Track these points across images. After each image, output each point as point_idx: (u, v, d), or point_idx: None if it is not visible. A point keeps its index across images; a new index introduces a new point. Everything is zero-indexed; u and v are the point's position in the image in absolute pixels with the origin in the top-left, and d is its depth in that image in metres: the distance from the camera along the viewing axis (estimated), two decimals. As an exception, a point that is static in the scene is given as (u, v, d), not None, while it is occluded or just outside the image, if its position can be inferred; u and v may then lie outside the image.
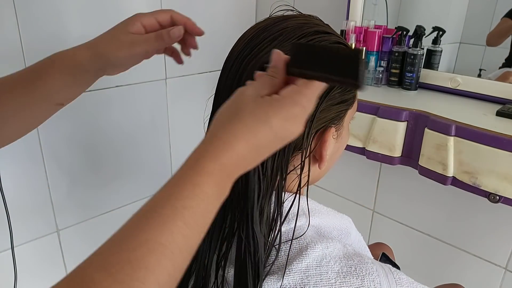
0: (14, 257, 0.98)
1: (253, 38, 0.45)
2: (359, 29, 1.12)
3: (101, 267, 0.27)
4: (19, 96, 0.52)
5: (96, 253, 0.29)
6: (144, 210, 0.31)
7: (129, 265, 0.27)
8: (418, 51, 1.04)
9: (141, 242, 0.29)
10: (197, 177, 0.33)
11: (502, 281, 1.04)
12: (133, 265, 0.27)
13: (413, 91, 1.08)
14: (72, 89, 0.55)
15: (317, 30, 0.45)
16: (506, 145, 0.77)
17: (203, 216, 0.32)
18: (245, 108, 0.35)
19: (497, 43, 1.07)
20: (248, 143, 0.34)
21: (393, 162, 0.97)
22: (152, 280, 0.28)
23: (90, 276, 0.27)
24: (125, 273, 0.27)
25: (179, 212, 0.31)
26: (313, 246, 0.43)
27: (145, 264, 0.28)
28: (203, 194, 0.32)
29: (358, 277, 0.42)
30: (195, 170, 0.33)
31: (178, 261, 0.30)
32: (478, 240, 1.06)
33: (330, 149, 0.48)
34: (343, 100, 0.47)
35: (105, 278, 0.27)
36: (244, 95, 0.36)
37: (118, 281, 0.27)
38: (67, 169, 1.12)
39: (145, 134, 1.27)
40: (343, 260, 0.43)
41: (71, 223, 1.16)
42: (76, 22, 1.03)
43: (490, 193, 0.81)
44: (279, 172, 0.43)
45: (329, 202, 1.39)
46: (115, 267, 0.27)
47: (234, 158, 0.34)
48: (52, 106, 0.55)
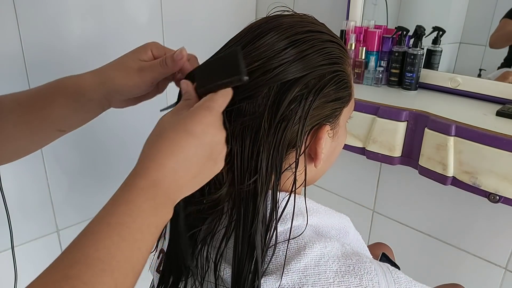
0: (14, 257, 0.98)
1: (246, 35, 0.46)
2: (359, 29, 1.12)
3: (43, 285, 0.29)
4: (22, 123, 0.51)
5: (43, 272, 0.30)
6: (84, 229, 0.33)
7: (68, 281, 0.28)
8: (418, 51, 1.04)
9: (79, 258, 0.30)
10: (130, 195, 0.34)
11: (502, 281, 1.04)
12: (72, 281, 0.29)
13: (413, 91, 1.08)
14: (75, 117, 0.53)
15: (310, 29, 0.45)
16: (506, 145, 0.77)
17: (140, 231, 0.33)
18: (166, 127, 0.38)
19: (503, 46, 1.06)
20: (175, 155, 0.36)
21: (393, 162, 0.97)
22: None
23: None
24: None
25: (113, 228, 0.32)
26: (311, 246, 0.43)
27: (83, 280, 0.29)
28: (138, 210, 0.34)
29: (357, 276, 0.42)
30: (128, 188, 0.35)
31: (118, 276, 0.31)
32: (478, 240, 1.06)
33: (326, 147, 0.48)
34: (337, 98, 0.47)
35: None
36: (164, 119, 0.40)
37: None
38: (67, 169, 1.12)
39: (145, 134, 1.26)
40: (341, 260, 0.43)
41: (71, 223, 1.16)
42: (76, 22, 1.03)
43: (490, 193, 0.81)
44: (273, 170, 0.43)
45: (329, 202, 1.39)
46: (55, 284, 0.28)
47: (166, 173, 0.36)
48: (55, 132, 0.54)
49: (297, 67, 0.43)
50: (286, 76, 0.42)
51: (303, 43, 0.44)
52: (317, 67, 0.44)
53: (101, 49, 1.09)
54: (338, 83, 0.47)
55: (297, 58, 0.43)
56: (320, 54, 0.45)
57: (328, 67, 0.45)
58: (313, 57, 0.44)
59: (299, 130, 0.43)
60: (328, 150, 0.50)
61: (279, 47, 0.43)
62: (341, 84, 0.47)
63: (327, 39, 0.47)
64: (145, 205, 0.34)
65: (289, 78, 0.43)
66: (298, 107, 0.43)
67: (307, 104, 0.43)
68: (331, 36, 0.47)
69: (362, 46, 1.11)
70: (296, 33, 0.44)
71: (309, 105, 0.44)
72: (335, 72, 0.46)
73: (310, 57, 0.44)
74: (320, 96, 0.44)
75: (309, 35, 0.45)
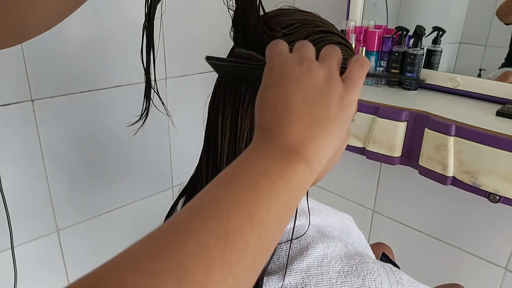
0: (14, 257, 0.98)
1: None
2: (359, 29, 1.12)
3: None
4: None
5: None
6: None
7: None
8: (418, 51, 1.04)
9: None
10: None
11: (502, 281, 1.04)
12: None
13: (413, 91, 1.08)
14: None
15: (322, 30, 0.45)
16: (506, 145, 0.77)
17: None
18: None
19: (506, 18, 1.03)
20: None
21: (393, 162, 0.97)
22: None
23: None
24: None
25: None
26: (314, 246, 0.43)
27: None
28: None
29: (359, 277, 0.42)
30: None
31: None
32: (478, 240, 1.06)
33: None
34: None
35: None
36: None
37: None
38: (67, 169, 1.12)
39: (145, 134, 1.27)
40: (344, 260, 0.43)
41: (71, 223, 1.16)
42: (76, 22, 1.03)
43: (490, 193, 0.81)
44: None
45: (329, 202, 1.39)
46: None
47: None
48: None
49: None
50: None
51: (314, 45, 0.44)
52: None
53: (101, 49, 1.09)
54: None
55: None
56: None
57: None
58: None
59: None
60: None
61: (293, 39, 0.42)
62: None
63: (337, 41, 0.46)
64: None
65: None
66: None
67: None
68: (341, 38, 0.47)
69: (362, 46, 1.11)
70: (311, 32, 0.44)
71: None
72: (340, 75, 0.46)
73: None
74: None
75: (322, 36, 0.45)
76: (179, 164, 1.38)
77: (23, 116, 0.99)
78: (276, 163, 0.30)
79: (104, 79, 1.12)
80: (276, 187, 0.28)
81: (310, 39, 0.43)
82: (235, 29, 0.45)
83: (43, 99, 1.02)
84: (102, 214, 1.22)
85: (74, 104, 1.08)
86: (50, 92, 1.02)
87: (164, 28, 1.20)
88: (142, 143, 1.27)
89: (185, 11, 1.24)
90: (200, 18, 1.29)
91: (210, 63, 0.41)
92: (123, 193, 1.26)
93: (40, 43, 0.98)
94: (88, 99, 1.10)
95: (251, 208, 0.26)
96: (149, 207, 1.34)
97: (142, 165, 1.29)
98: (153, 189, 1.35)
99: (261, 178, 0.28)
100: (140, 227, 1.32)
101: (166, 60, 1.23)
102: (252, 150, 0.31)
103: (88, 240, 1.20)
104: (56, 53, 1.01)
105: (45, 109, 1.02)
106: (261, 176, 0.28)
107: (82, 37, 1.05)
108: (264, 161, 0.30)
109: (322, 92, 0.32)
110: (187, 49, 1.28)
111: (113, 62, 1.13)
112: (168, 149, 1.35)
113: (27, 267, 1.08)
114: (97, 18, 1.06)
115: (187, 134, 1.37)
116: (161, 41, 1.21)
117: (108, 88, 1.14)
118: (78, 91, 1.08)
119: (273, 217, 0.27)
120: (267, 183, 0.28)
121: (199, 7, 1.27)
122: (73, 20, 1.02)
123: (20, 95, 0.98)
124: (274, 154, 0.30)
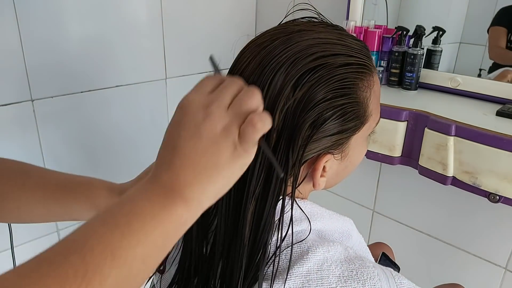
0: (14, 257, 0.98)
1: (262, 61, 0.42)
2: (359, 29, 1.12)
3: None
4: (43, 206, 0.54)
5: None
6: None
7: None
8: (418, 51, 1.04)
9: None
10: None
11: (502, 281, 1.04)
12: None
13: (413, 91, 1.08)
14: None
15: (322, 55, 0.41)
16: (506, 145, 0.77)
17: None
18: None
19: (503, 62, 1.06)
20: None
21: (393, 162, 0.97)
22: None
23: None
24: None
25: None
26: (314, 250, 0.43)
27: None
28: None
29: (359, 281, 0.41)
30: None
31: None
32: (478, 240, 1.06)
33: (332, 169, 0.46)
34: (341, 131, 0.43)
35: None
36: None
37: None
38: (67, 169, 1.11)
39: (145, 134, 1.27)
40: (344, 264, 0.43)
41: (71, 223, 1.15)
42: (76, 22, 1.03)
43: (490, 193, 0.81)
44: (273, 199, 0.41)
45: (329, 202, 1.39)
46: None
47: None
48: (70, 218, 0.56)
49: (298, 108, 0.40)
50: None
51: (307, 82, 0.40)
52: (316, 104, 0.40)
53: (101, 49, 1.09)
54: (343, 116, 0.42)
55: (297, 100, 0.40)
56: (324, 88, 0.41)
57: (331, 102, 0.41)
58: (314, 92, 0.40)
59: (290, 163, 0.41)
60: (337, 170, 0.48)
61: (285, 90, 0.40)
62: (348, 116, 0.43)
63: (340, 63, 0.42)
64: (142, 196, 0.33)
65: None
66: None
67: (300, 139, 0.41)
68: (347, 57, 0.42)
69: (362, 46, 1.11)
70: (300, 74, 0.40)
71: (302, 141, 0.41)
72: (339, 106, 0.42)
73: (311, 92, 0.40)
74: (317, 132, 0.41)
75: (318, 65, 0.41)
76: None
77: (23, 116, 0.99)
78: (153, 204, 0.31)
79: (104, 79, 1.12)
80: (147, 227, 0.30)
81: (298, 81, 0.40)
82: None
83: (43, 99, 1.01)
84: (102, 214, 1.22)
85: (74, 104, 1.08)
86: (50, 92, 1.02)
87: (164, 28, 1.20)
88: (142, 143, 1.27)
89: (185, 11, 1.24)
90: (201, 18, 1.29)
91: (212, 64, 0.40)
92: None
93: (40, 43, 0.98)
94: (88, 99, 1.10)
95: (115, 246, 0.28)
96: (149, 207, 1.34)
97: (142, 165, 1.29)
98: (153, 189, 1.35)
99: (134, 219, 0.30)
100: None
101: (166, 60, 1.23)
102: (139, 186, 0.33)
103: (88, 240, 1.20)
104: (56, 53, 1.01)
105: (45, 109, 1.02)
106: (134, 216, 0.30)
107: (82, 37, 1.05)
108: (142, 200, 0.31)
109: (216, 141, 0.33)
110: (187, 49, 1.27)
111: (113, 62, 1.13)
112: (168, 149, 1.35)
113: (27, 267, 1.08)
114: (97, 18, 1.06)
115: (187, 134, 1.36)
116: (161, 41, 1.21)
117: (108, 88, 1.14)
118: (78, 91, 1.08)
119: (138, 256, 0.29)
120: (138, 223, 0.30)
121: (200, 7, 1.27)
122: (73, 20, 1.02)
123: (20, 95, 0.98)
124: (154, 194, 0.32)
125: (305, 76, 0.40)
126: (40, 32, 0.97)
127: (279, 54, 0.41)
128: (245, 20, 1.43)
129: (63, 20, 1.01)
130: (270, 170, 0.41)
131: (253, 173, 0.41)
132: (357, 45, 0.45)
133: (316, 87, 0.40)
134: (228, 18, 1.37)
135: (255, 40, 0.45)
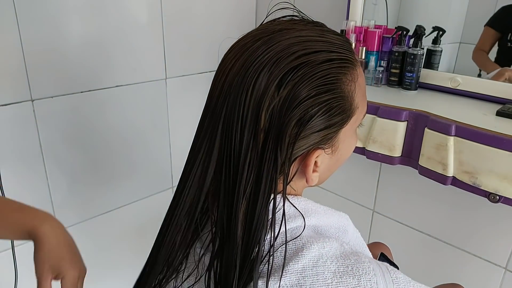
0: (14, 257, 0.98)
1: (246, 62, 0.42)
2: (359, 29, 1.12)
3: None
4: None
5: None
6: None
7: None
8: (418, 51, 1.04)
9: None
10: None
11: (502, 281, 1.04)
12: None
13: (413, 91, 1.08)
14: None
15: (303, 53, 0.42)
16: (506, 145, 0.77)
17: None
18: None
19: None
20: None
21: (393, 162, 0.97)
22: None
23: None
24: None
25: None
26: (309, 247, 0.43)
27: None
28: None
29: (355, 277, 0.41)
30: None
31: None
32: (478, 240, 1.06)
33: (324, 163, 0.47)
34: (329, 125, 0.44)
35: None
36: None
37: None
38: (67, 169, 1.12)
39: (145, 134, 1.27)
40: (339, 260, 0.43)
41: (71, 223, 1.16)
42: (76, 22, 1.03)
43: (490, 193, 0.81)
44: (265, 196, 0.42)
45: (329, 202, 1.39)
46: None
47: None
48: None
49: (283, 107, 0.41)
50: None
51: (290, 81, 0.41)
52: (301, 102, 0.41)
53: (101, 49, 1.09)
54: (329, 112, 0.43)
55: (282, 99, 0.41)
56: (307, 85, 0.42)
57: (315, 98, 0.42)
58: (298, 90, 0.41)
59: (279, 161, 0.42)
60: (328, 164, 0.49)
61: (269, 90, 0.41)
62: (334, 111, 0.44)
63: (322, 60, 0.43)
64: None
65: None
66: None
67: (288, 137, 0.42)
68: (328, 53, 0.43)
69: (362, 46, 1.11)
70: (284, 73, 0.41)
71: (290, 139, 0.42)
72: (324, 102, 0.43)
73: (295, 91, 0.41)
74: (305, 129, 0.42)
75: (301, 63, 0.41)
76: (179, 164, 1.38)
77: (23, 116, 0.99)
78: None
79: (104, 79, 1.12)
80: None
81: (281, 81, 0.41)
82: None
83: (43, 99, 1.02)
84: (102, 214, 1.22)
85: (74, 104, 1.08)
86: (50, 92, 1.02)
87: (164, 28, 1.21)
88: (142, 143, 1.27)
89: (185, 11, 1.24)
90: (201, 18, 1.29)
91: None
92: (123, 193, 1.26)
93: (40, 43, 0.98)
94: (88, 99, 1.10)
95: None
96: (149, 207, 1.34)
97: (142, 165, 1.30)
98: (153, 189, 1.35)
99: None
100: (140, 227, 1.32)
101: (166, 60, 1.23)
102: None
103: (88, 240, 1.20)
104: (56, 53, 1.01)
105: (45, 109, 1.02)
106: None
107: (82, 37, 1.05)
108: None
109: None
110: (187, 49, 1.28)
111: (113, 62, 1.13)
112: (168, 149, 1.35)
113: (27, 267, 1.08)
114: (97, 18, 1.06)
115: (187, 134, 1.37)
116: (161, 41, 1.21)
117: (108, 88, 1.14)
118: (78, 91, 1.08)
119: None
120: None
121: (200, 7, 1.27)
122: (73, 20, 1.02)
123: (20, 95, 0.98)
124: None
125: (288, 75, 0.41)
126: (40, 32, 0.97)
127: (261, 54, 0.42)
128: (245, 20, 1.43)
129: (63, 20, 1.01)
130: (260, 169, 0.41)
131: (243, 173, 0.41)
132: (339, 40, 0.45)
133: (299, 85, 0.41)
134: (228, 18, 1.37)
135: (239, 42, 0.46)
